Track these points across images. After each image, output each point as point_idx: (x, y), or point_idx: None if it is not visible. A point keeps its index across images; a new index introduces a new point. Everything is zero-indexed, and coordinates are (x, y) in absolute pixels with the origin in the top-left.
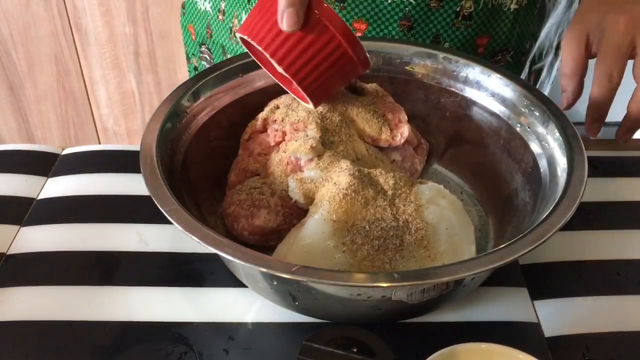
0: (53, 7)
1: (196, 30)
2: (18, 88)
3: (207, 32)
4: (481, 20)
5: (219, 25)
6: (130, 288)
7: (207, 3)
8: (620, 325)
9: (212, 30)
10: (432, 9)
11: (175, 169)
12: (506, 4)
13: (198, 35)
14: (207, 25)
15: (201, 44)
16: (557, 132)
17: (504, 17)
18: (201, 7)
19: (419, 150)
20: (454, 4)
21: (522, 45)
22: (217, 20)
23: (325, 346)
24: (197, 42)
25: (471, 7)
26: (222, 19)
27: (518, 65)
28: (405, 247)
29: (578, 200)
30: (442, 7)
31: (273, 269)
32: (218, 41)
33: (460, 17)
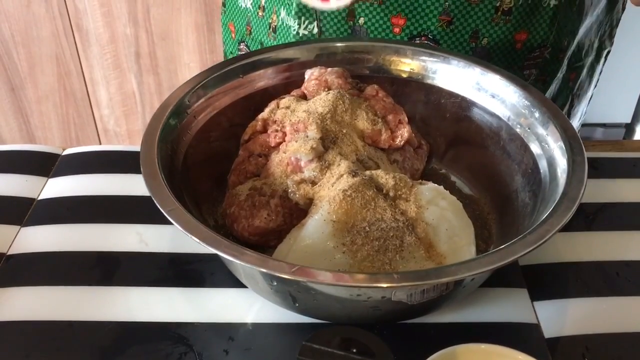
0: (54, 7)
1: (236, 27)
2: (19, 89)
3: (247, 29)
4: (520, 16)
5: (258, 21)
6: (130, 288)
7: (248, 0)
8: (620, 326)
9: (252, 27)
10: (472, 3)
11: (175, 170)
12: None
13: (238, 32)
14: (247, 22)
15: (240, 41)
16: (557, 133)
17: (543, 12)
18: (242, 4)
19: (419, 151)
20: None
21: (561, 41)
22: (257, 17)
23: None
24: (236, 40)
25: (511, 2)
26: (262, 15)
27: (555, 62)
28: (405, 247)
29: (578, 201)
30: (482, 2)
31: (273, 270)
32: (257, 38)
33: (500, 12)
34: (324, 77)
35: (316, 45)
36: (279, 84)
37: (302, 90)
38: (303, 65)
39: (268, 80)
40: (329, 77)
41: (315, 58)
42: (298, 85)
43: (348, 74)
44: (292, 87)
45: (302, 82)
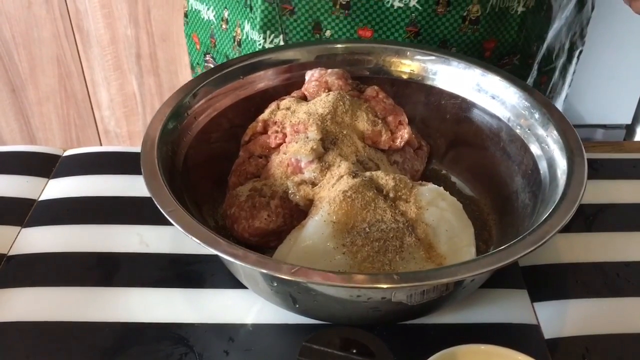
0: (55, 9)
1: (200, 39)
2: (20, 90)
3: (211, 41)
4: (488, 24)
5: (222, 34)
6: (130, 289)
7: (211, 12)
8: (620, 327)
9: (216, 40)
10: (439, 14)
11: (175, 171)
12: (513, 6)
13: (202, 44)
14: (210, 34)
15: (206, 53)
16: (557, 134)
17: (511, 20)
18: (204, 16)
19: (419, 153)
20: (461, 8)
21: (530, 47)
22: (221, 30)
23: (325, 347)
24: (201, 52)
25: (478, 11)
26: (226, 28)
27: (525, 67)
28: (405, 248)
29: (577, 202)
30: (449, 12)
31: (273, 271)
32: (222, 50)
33: (468, 22)
34: (324, 78)
35: (316, 46)
36: (280, 85)
37: (303, 91)
38: (303, 67)
39: (268, 82)
40: (329, 78)
41: (316, 59)
42: (298, 86)
43: (348, 75)
44: (293, 88)
45: (303, 83)
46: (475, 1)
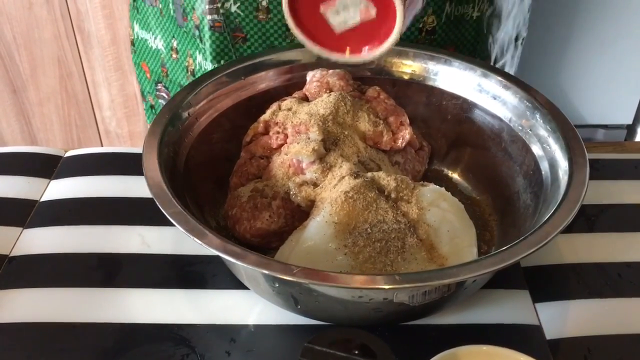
0: (56, 9)
1: (150, 68)
2: (21, 91)
3: (163, 70)
4: (445, 33)
5: (173, 63)
6: (132, 290)
7: (159, 41)
8: (621, 328)
9: (168, 69)
10: None
11: (177, 171)
12: (468, 12)
13: (153, 73)
14: (161, 63)
15: (157, 82)
16: (558, 134)
17: (467, 25)
18: (152, 45)
19: (420, 153)
20: (416, 21)
21: (486, 49)
22: (172, 59)
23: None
24: (152, 81)
25: (434, 21)
26: (176, 58)
27: None
28: (407, 249)
29: (579, 203)
30: None
31: (275, 271)
32: (175, 80)
33: (424, 33)
34: (326, 79)
35: None
36: (281, 86)
37: (304, 92)
38: (305, 67)
39: (270, 82)
40: (330, 79)
41: (317, 60)
42: (300, 87)
43: (350, 76)
44: (294, 89)
45: (304, 84)
46: (430, 12)
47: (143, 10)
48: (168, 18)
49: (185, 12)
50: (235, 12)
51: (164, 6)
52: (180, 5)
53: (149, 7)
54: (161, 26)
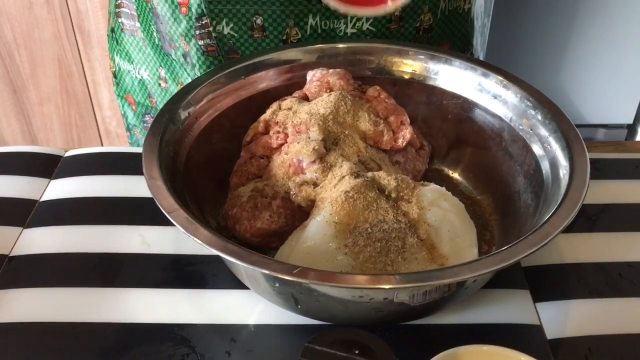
0: (56, 9)
1: (136, 100)
2: (21, 90)
3: (151, 101)
4: (441, 29)
5: (162, 93)
6: (132, 290)
7: (144, 71)
8: (622, 328)
9: (156, 99)
10: (393, 31)
11: (177, 171)
12: (460, 5)
13: (139, 105)
14: (148, 94)
15: (145, 113)
16: (559, 134)
17: (460, 19)
18: (136, 75)
19: (421, 153)
20: (413, 20)
21: (474, 38)
22: (160, 88)
23: (327, 348)
24: (139, 113)
25: (430, 19)
26: (165, 87)
27: None
28: (407, 249)
29: (580, 203)
30: (402, 27)
31: (275, 271)
32: None
33: (421, 32)
34: (326, 78)
35: (318, 46)
36: (281, 86)
37: (304, 91)
38: (305, 67)
39: (270, 82)
40: (330, 78)
41: (317, 59)
42: (300, 86)
43: (350, 76)
44: (294, 88)
45: (304, 83)
46: (426, 10)
47: (123, 41)
48: (153, 47)
49: (172, 40)
50: (228, 33)
51: (147, 36)
52: (167, 34)
53: (130, 38)
54: (145, 56)
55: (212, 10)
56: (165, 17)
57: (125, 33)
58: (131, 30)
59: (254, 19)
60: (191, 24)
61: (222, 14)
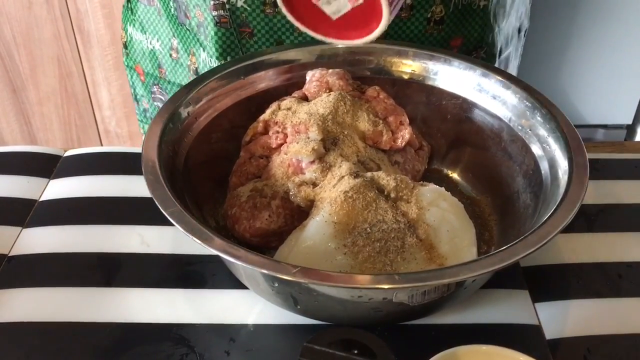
0: (55, 9)
1: (145, 70)
2: (20, 90)
3: (160, 71)
4: (453, 23)
5: (172, 63)
6: (131, 289)
7: (155, 42)
8: (621, 328)
9: (166, 70)
10: (403, 19)
11: (176, 171)
12: (475, 2)
13: (148, 75)
14: (158, 64)
15: (153, 84)
16: (558, 134)
17: (474, 15)
18: (146, 45)
19: (420, 153)
20: (425, 11)
21: (493, 39)
22: (171, 59)
23: (326, 348)
24: (147, 83)
25: (442, 11)
26: (177, 57)
27: (490, 59)
28: (406, 249)
29: (579, 203)
30: (413, 16)
31: (274, 271)
32: (174, 80)
33: (432, 23)
34: (325, 78)
35: (317, 46)
36: (280, 86)
37: (303, 91)
38: (304, 67)
39: (269, 82)
40: (330, 78)
41: (317, 59)
42: (299, 86)
43: (349, 76)
44: (293, 88)
45: (303, 83)
46: (438, 2)
47: (138, 10)
48: (168, 17)
49: (188, 10)
50: (241, 7)
51: (163, 5)
52: (182, 3)
53: (146, 7)
54: (159, 26)
55: None
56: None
57: (142, 3)
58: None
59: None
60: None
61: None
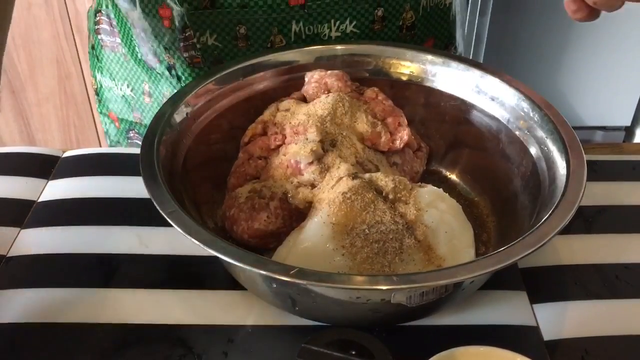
0: (55, 10)
1: (119, 117)
2: (19, 91)
3: (134, 116)
4: (424, 26)
5: (147, 107)
6: (129, 290)
7: (126, 88)
8: (619, 329)
9: (141, 115)
10: (377, 31)
11: (175, 172)
12: (441, 1)
13: (122, 121)
14: (131, 109)
15: (128, 129)
16: (556, 135)
17: (442, 14)
18: (118, 92)
19: (418, 154)
20: (396, 19)
21: (456, 32)
22: (144, 104)
23: (324, 349)
24: (122, 129)
25: (412, 16)
26: (150, 102)
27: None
28: (404, 250)
29: (577, 204)
30: (386, 27)
31: (272, 272)
32: None
33: (405, 30)
34: (324, 79)
35: (316, 48)
36: (279, 87)
37: (302, 92)
38: (303, 68)
39: (268, 83)
40: (328, 79)
41: (315, 61)
42: (298, 88)
43: (348, 77)
44: (292, 89)
45: (302, 84)
46: (408, 8)
47: (104, 58)
48: (136, 62)
49: (156, 54)
50: (212, 44)
51: (129, 51)
52: (150, 48)
53: (110, 54)
54: (127, 72)
55: (194, 22)
56: (148, 32)
57: (105, 50)
58: (111, 46)
59: (237, 29)
60: (175, 37)
61: (205, 25)
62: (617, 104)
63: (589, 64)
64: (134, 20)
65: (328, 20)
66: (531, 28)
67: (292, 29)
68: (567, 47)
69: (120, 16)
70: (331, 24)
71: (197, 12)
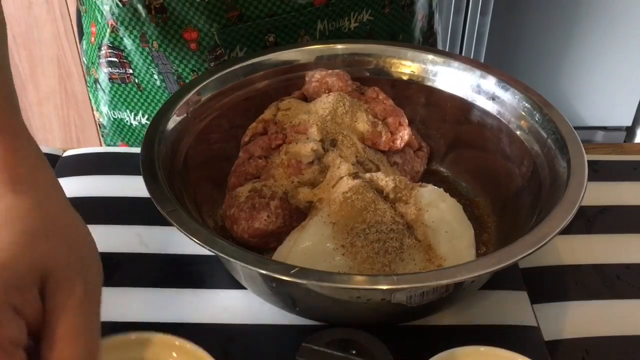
0: (55, 9)
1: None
2: (20, 90)
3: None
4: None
5: None
6: (129, 289)
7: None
8: (620, 330)
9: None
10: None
11: (175, 171)
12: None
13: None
14: None
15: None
16: (557, 135)
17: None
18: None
19: (419, 154)
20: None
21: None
22: None
23: (324, 348)
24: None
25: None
26: None
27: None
28: (405, 250)
29: (578, 204)
30: (394, 9)
31: (272, 271)
32: None
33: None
34: (325, 79)
35: (317, 47)
36: (280, 86)
37: (303, 92)
38: (303, 68)
39: (269, 82)
40: (329, 79)
41: (316, 60)
42: (298, 87)
43: (348, 77)
44: (293, 89)
45: (303, 84)
46: None
47: (112, 90)
48: (153, 89)
49: (181, 78)
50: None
51: (144, 79)
52: (172, 74)
53: (121, 86)
54: (143, 100)
55: (224, 40)
56: (170, 58)
57: (115, 82)
58: (122, 78)
59: (267, 38)
60: (204, 58)
61: (235, 41)
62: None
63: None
64: (151, 49)
65: (348, 13)
66: (532, 28)
67: (317, 27)
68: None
69: (136, 46)
70: (350, 17)
71: (227, 30)
